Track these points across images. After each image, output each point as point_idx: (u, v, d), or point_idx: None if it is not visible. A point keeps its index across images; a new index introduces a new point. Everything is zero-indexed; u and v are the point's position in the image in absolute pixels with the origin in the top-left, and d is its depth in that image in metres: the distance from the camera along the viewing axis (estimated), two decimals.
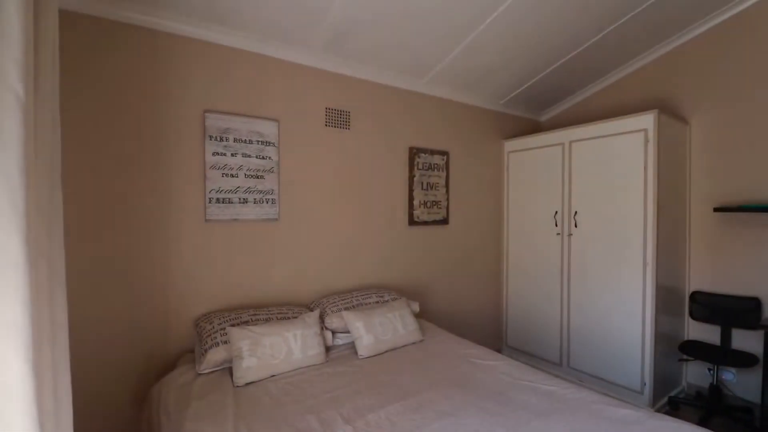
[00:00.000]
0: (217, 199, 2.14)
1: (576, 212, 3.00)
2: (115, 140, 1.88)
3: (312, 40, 2.32)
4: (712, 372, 2.58)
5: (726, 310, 2.64)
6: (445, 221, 3.18)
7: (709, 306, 2.72)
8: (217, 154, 2.13)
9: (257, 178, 2.26)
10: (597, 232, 2.86)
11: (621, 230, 2.71)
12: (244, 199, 2.21)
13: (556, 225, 3.14)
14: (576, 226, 3.00)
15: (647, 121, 2.59)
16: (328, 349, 2.15)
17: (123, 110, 1.90)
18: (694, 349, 2.61)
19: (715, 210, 2.65)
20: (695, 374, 2.86)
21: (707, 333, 2.79)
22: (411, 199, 2.96)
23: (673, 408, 2.66)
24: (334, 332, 2.25)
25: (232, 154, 2.18)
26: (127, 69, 1.91)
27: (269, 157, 2.30)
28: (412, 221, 2.97)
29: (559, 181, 3.12)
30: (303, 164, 2.46)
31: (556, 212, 3.13)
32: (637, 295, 2.63)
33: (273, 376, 1.80)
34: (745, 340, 2.60)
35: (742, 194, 2.64)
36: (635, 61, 3.16)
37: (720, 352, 2.57)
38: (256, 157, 2.25)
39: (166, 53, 2.00)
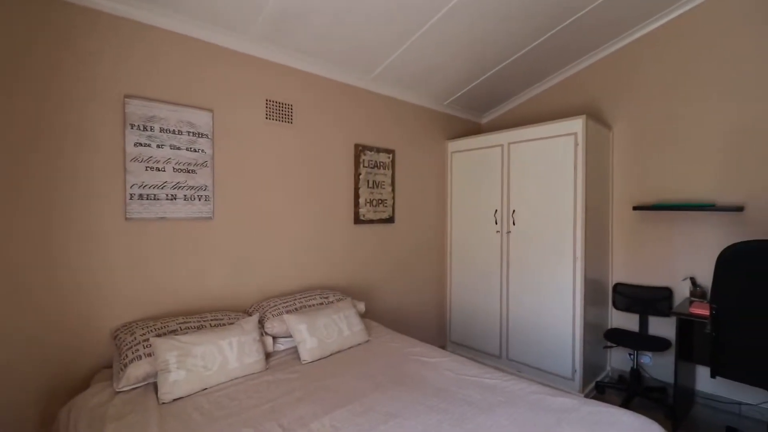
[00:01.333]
0: (141, 196, 1.91)
1: (514, 211, 3.13)
2: (8, 125, 1.60)
3: (252, 27, 2.17)
4: (632, 357, 2.83)
5: (643, 299, 2.90)
6: (390, 220, 3.16)
7: (629, 296, 2.98)
8: (141, 144, 1.91)
9: (188, 172, 2.06)
10: (533, 229, 3.01)
11: (554, 227, 2.88)
12: (172, 195, 2.01)
13: (496, 223, 3.26)
14: (514, 224, 3.14)
15: (577, 125, 2.77)
16: (268, 355, 2.02)
17: (19, 90, 1.62)
18: (617, 337, 2.84)
19: (634, 208, 2.90)
20: (618, 359, 3.12)
21: (628, 321, 3.05)
22: (357, 197, 2.91)
23: (600, 392, 2.87)
24: (275, 337, 2.12)
25: (159, 146, 1.96)
26: (25, 41, 1.63)
27: (202, 150, 2.11)
28: (357, 220, 2.91)
29: (498, 180, 3.24)
30: (241, 159, 2.29)
31: (496, 211, 3.25)
32: (568, 288, 2.81)
33: (205, 389, 1.64)
34: (659, 327, 2.89)
35: (657, 194, 2.93)
36: (568, 68, 3.38)
37: (639, 338, 2.82)
38: (187, 149, 2.06)
39: (73, 26, 1.75)
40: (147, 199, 1.93)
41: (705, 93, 2.70)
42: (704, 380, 2.69)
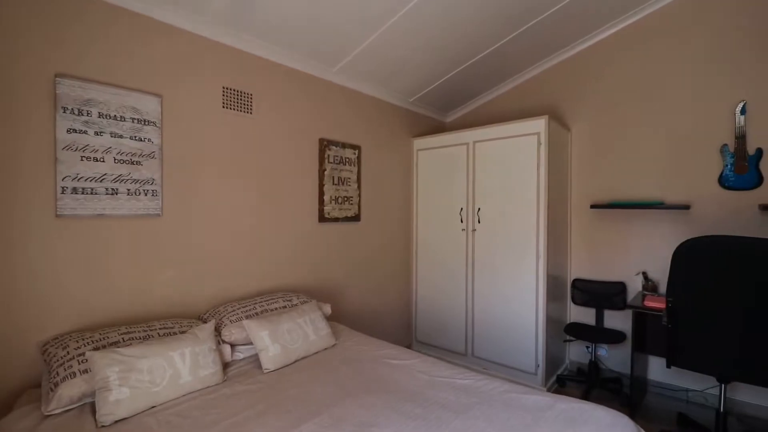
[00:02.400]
0: (75, 189, 1.68)
1: (479, 209, 3.15)
2: None
3: (209, 8, 1.98)
4: (590, 349, 2.93)
5: (599, 294, 3.02)
6: (356, 218, 3.06)
7: (587, 291, 3.09)
8: (75, 131, 1.67)
9: (132, 164, 1.84)
10: (498, 227, 3.04)
11: (518, 225, 2.92)
12: (113, 189, 1.78)
13: (462, 221, 3.26)
14: (479, 222, 3.15)
15: (540, 125, 2.82)
16: (226, 366, 1.85)
17: None
18: (576, 331, 2.93)
19: (592, 207, 3.01)
20: (576, 352, 3.23)
21: (585, 315, 3.16)
22: (321, 194, 2.78)
23: (561, 385, 2.95)
24: (233, 345, 1.95)
25: (97, 133, 1.73)
26: None
27: (149, 139, 1.90)
28: (322, 218, 2.78)
29: (464, 179, 3.24)
30: (194, 150, 2.09)
31: (462, 209, 3.25)
32: (531, 285, 2.85)
33: (154, 407, 1.46)
34: (614, 320, 3.01)
35: (611, 193, 3.06)
36: (529, 70, 3.45)
37: (596, 331, 2.93)
38: (131, 138, 1.83)
39: None
40: (83, 193, 1.69)
41: (655, 98, 2.86)
42: (655, 370, 2.84)
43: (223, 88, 2.21)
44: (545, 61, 3.34)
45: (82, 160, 1.69)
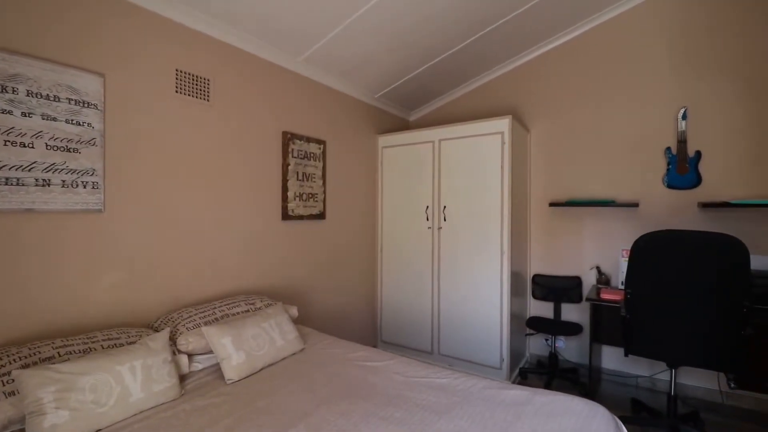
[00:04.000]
0: None
1: (445, 207, 3.15)
2: None
3: None
4: (549, 342, 3.04)
5: (557, 288, 3.15)
6: (321, 216, 2.93)
7: (545, 286, 3.21)
8: None
9: (69, 151, 1.60)
10: (463, 225, 3.06)
11: (483, 223, 2.96)
12: (45, 180, 1.53)
13: (428, 219, 3.25)
14: (445, 220, 3.16)
15: (503, 125, 2.88)
16: (183, 378, 1.67)
17: None
18: (536, 324, 3.02)
19: (550, 205, 3.13)
20: (535, 345, 3.35)
21: (544, 309, 3.28)
22: (285, 190, 2.62)
23: (524, 378, 3.03)
24: (191, 355, 1.76)
25: (25, 114, 1.48)
26: None
27: (88, 124, 1.66)
28: (286, 215, 2.63)
29: (430, 176, 3.24)
30: (142, 137, 1.87)
31: (428, 207, 3.24)
32: (495, 281, 2.90)
33: (99, 431, 1.26)
34: (571, 313, 3.16)
35: (567, 192, 3.20)
36: (491, 71, 3.52)
37: (555, 324, 3.04)
38: (68, 121, 1.59)
39: None
40: (7, 184, 1.44)
41: (607, 103, 3.03)
42: (608, 358, 3.01)
43: (177, 70, 2.00)
44: (507, 62, 3.43)
45: (5, 145, 1.43)
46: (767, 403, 2.47)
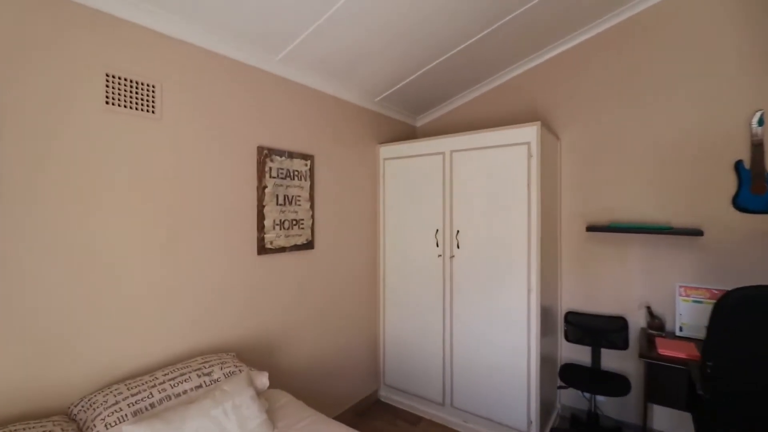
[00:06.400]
0: None
1: (458, 231, 2.63)
2: None
3: None
4: (588, 398, 2.49)
5: (596, 330, 2.58)
6: (309, 245, 2.45)
7: (581, 326, 2.65)
8: None
9: None
10: (480, 253, 2.54)
11: (505, 252, 2.43)
12: None
13: (438, 246, 2.73)
14: (458, 247, 2.64)
15: (530, 133, 2.34)
16: None
17: None
18: (571, 375, 2.48)
19: (588, 229, 2.57)
20: (569, 395, 2.79)
21: (578, 352, 2.73)
22: (261, 218, 2.15)
23: None
24: None
25: None
26: None
27: None
28: (263, 249, 2.16)
29: (440, 195, 2.72)
30: (51, 165, 1.42)
31: (438, 231, 2.73)
32: (521, 322, 2.37)
33: None
34: (613, 360, 2.60)
35: (608, 213, 2.64)
36: (511, 69, 2.98)
37: (595, 377, 2.49)
38: None
39: None
40: None
41: (658, 103, 2.46)
42: (659, 418, 2.44)
43: (107, 75, 1.54)
44: (532, 58, 2.89)
45: None
46: None
